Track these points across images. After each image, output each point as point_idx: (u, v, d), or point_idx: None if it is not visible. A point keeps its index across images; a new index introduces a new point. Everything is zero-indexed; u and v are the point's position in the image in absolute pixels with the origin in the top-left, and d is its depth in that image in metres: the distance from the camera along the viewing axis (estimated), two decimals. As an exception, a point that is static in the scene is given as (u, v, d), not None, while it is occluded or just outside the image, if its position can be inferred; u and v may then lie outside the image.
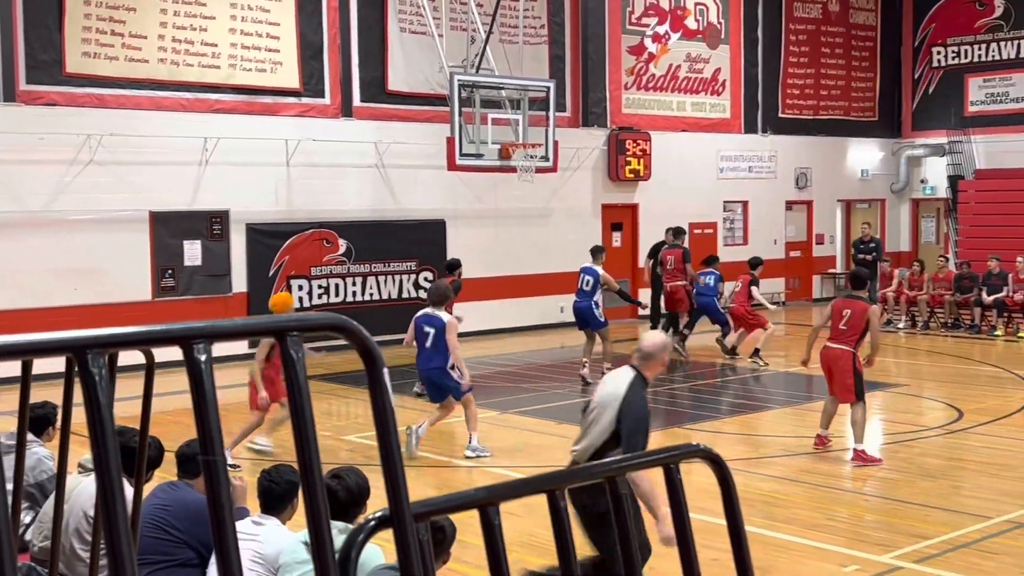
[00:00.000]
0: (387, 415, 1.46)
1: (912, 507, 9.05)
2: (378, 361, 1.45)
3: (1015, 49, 25.74)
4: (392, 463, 1.44)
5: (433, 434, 12.25)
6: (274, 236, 17.92)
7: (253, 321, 1.44)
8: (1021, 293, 19.91)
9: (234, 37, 17.47)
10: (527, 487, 1.63)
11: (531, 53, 20.64)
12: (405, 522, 1.43)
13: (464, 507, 1.57)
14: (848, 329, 10.79)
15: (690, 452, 1.85)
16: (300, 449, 1.41)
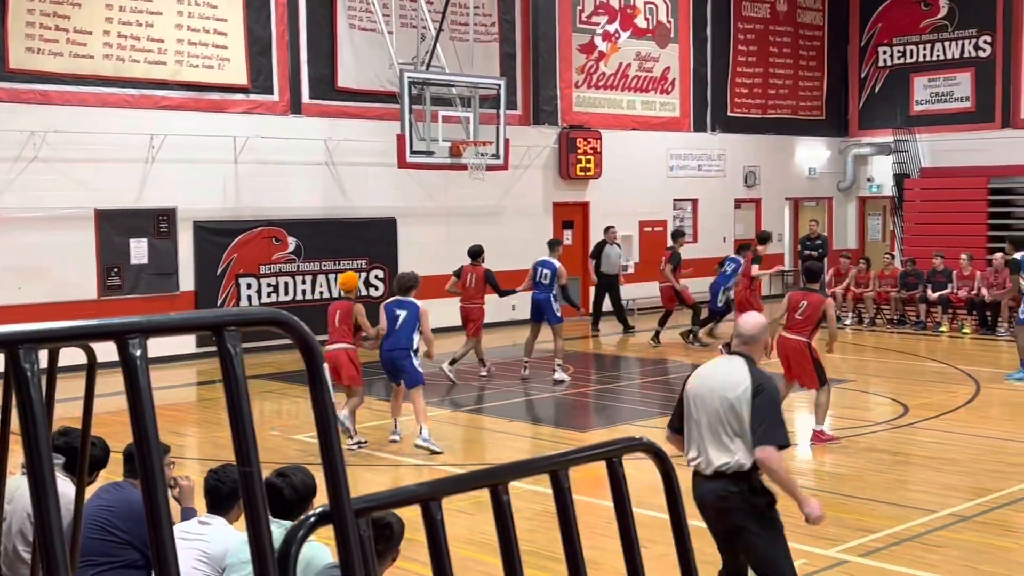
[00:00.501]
0: (327, 410, 1.44)
1: (859, 501, 9.16)
2: (317, 356, 1.44)
3: (959, 49, 26.14)
4: (332, 458, 1.43)
5: (384, 434, 12.21)
6: (222, 234, 17.75)
7: (189, 316, 1.42)
8: (965, 290, 20.23)
9: (181, 33, 17.28)
10: (469, 482, 1.62)
11: (482, 51, 20.63)
12: (346, 518, 1.42)
13: (406, 502, 1.56)
14: (804, 320, 11.27)
15: (633, 446, 1.86)
16: (237, 444, 1.40)
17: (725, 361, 5.65)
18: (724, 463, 5.42)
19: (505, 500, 1.64)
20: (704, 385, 5.56)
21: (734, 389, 5.42)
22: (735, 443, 5.41)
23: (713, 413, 5.46)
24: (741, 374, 5.47)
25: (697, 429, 5.52)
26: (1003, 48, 25.37)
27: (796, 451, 11.22)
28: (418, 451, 11.09)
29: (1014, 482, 9.70)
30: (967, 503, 8.99)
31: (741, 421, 5.38)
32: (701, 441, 5.50)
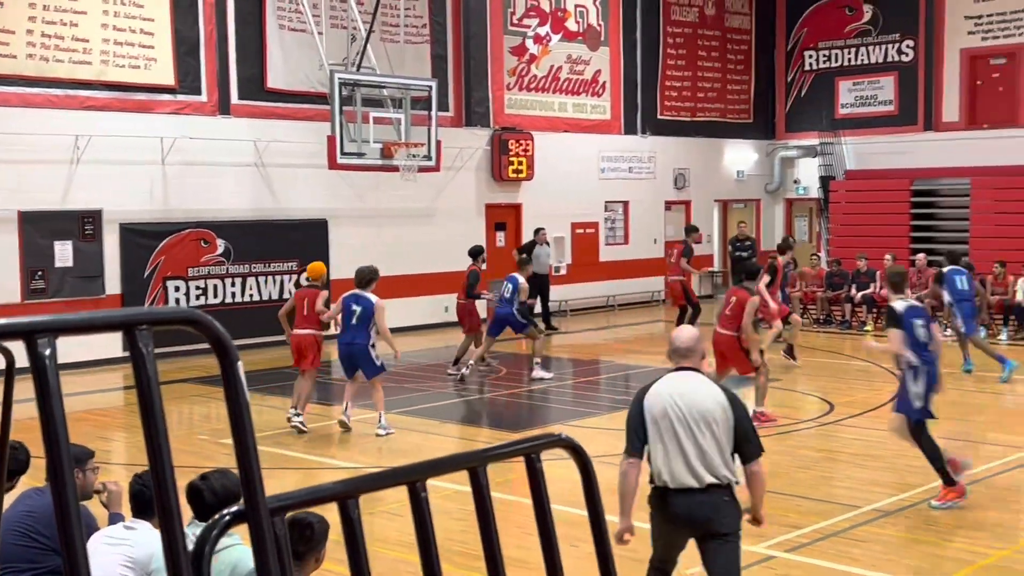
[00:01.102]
0: (242, 409, 1.44)
1: (786, 498, 9.29)
2: (232, 355, 1.43)
3: (883, 53, 26.65)
4: (247, 457, 1.43)
5: (312, 436, 12.13)
6: (149, 236, 17.50)
7: (100, 315, 1.40)
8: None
9: (106, 33, 17.01)
10: (386, 479, 1.62)
11: (413, 52, 20.59)
12: (260, 516, 1.41)
13: (322, 500, 1.56)
14: (731, 315, 11.89)
15: (551, 442, 1.87)
16: (150, 446, 1.39)
17: (684, 377, 5.68)
18: (721, 475, 5.51)
19: (423, 497, 1.64)
20: (679, 403, 5.57)
21: (714, 405, 5.53)
22: (723, 456, 5.53)
23: (700, 429, 5.51)
24: (712, 389, 5.61)
25: (681, 444, 5.53)
26: (925, 52, 25.91)
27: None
28: (349, 452, 11.03)
29: (936, 477, 9.90)
30: (890, 498, 9.17)
31: (724, 436, 5.51)
32: (686, 456, 5.53)
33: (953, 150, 24.87)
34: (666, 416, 5.56)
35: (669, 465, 5.55)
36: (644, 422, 5.63)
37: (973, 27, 25.16)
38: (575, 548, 4.08)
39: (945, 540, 8.15)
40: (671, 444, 5.54)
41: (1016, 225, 22.76)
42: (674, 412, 5.55)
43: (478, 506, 1.72)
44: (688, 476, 5.50)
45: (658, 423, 5.58)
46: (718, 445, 5.50)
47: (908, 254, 22.70)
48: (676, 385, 5.63)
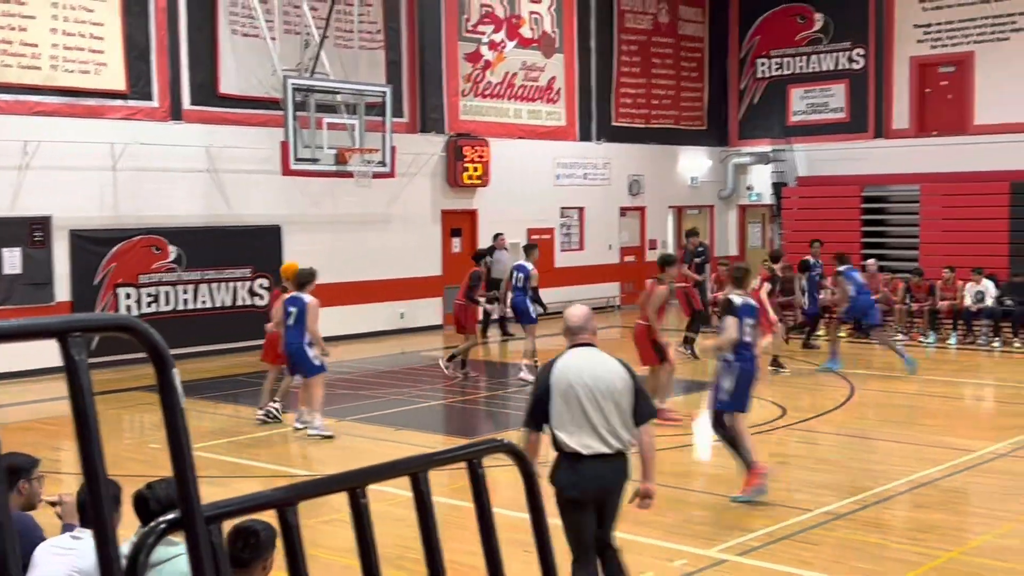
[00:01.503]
0: (177, 416, 1.43)
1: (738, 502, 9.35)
2: (167, 363, 1.42)
3: (834, 61, 26.96)
4: (182, 464, 1.42)
5: (261, 443, 12.07)
6: (100, 243, 17.30)
7: (34, 322, 1.39)
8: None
9: (55, 37, 16.80)
10: (327, 486, 1.62)
11: (367, 58, 20.53)
12: (196, 523, 1.41)
13: (261, 507, 1.55)
14: (642, 306, 12.78)
15: (493, 447, 1.88)
16: (83, 453, 1.38)
17: (588, 352, 6.11)
18: (624, 440, 6.01)
19: (363, 503, 1.64)
20: (584, 377, 5.96)
21: (617, 378, 5.99)
22: (626, 423, 6.00)
23: (606, 399, 5.94)
24: (611, 362, 6.08)
25: (587, 415, 5.93)
26: (876, 61, 26.25)
27: (677, 455, 11.44)
28: (300, 460, 10.96)
29: (886, 480, 10.04)
30: (841, 501, 9.27)
31: (626, 403, 5.99)
32: (594, 425, 5.93)
33: (903, 157, 25.21)
34: (572, 390, 5.94)
35: (580, 436, 5.93)
36: (549, 398, 5.99)
37: (922, 35, 25.52)
38: (529, 554, 4.08)
39: (894, 542, 8.25)
40: (578, 414, 5.93)
41: (964, 231, 23.11)
42: (580, 386, 5.93)
43: (419, 512, 1.72)
44: (597, 442, 5.93)
45: (566, 397, 5.95)
46: (620, 413, 5.96)
47: (859, 259, 22.90)
48: (579, 360, 6.05)
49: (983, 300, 19.52)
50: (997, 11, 24.36)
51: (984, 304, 19.48)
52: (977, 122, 24.68)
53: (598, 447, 5.93)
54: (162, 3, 17.95)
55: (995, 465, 10.59)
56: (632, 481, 6.22)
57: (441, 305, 22.32)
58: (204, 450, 11.36)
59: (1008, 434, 11.98)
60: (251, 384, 15.87)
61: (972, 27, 24.77)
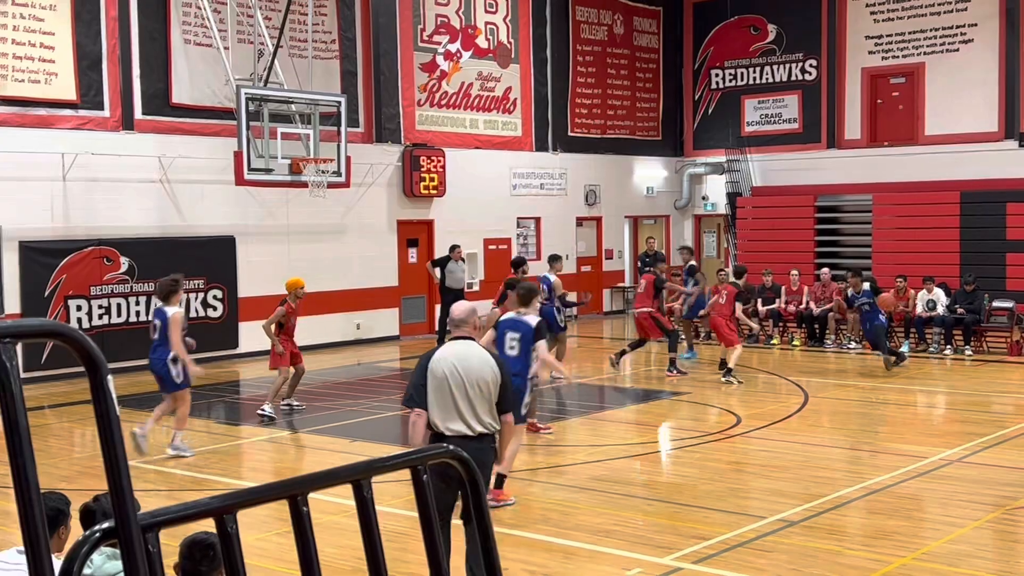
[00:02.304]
0: (111, 423, 1.40)
1: (693, 510, 9.39)
2: (101, 368, 1.39)
3: (787, 72, 27.22)
4: (117, 472, 1.39)
5: (219, 455, 11.94)
6: (50, 254, 17.06)
7: (-39, 327, 1.35)
8: (794, 304, 21.01)
9: (5, 47, 16.58)
10: (266, 493, 1.59)
11: (322, 68, 20.44)
12: (131, 532, 1.38)
13: (199, 516, 1.52)
14: (644, 294, 13.76)
15: (439, 454, 1.86)
16: (13, 462, 1.34)
17: (464, 346, 6.92)
18: (487, 424, 6.81)
19: (305, 512, 1.62)
20: (460, 367, 6.79)
21: (488, 370, 6.80)
22: (491, 410, 6.82)
23: (474, 389, 6.77)
24: (484, 355, 6.91)
25: (457, 403, 6.77)
26: (828, 71, 26.53)
27: (635, 462, 11.47)
28: (255, 473, 10.85)
29: (840, 487, 10.11)
30: (796, 508, 9.32)
31: (492, 393, 6.80)
32: (463, 410, 6.77)
33: (856, 167, 25.50)
34: (445, 378, 6.77)
35: (445, 417, 6.77)
36: (426, 382, 6.83)
37: (873, 47, 25.84)
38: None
39: (848, 549, 8.30)
40: (448, 400, 6.76)
41: (916, 240, 23.40)
42: (452, 374, 6.77)
43: (362, 520, 1.70)
44: (462, 426, 6.76)
45: (438, 382, 6.78)
46: (487, 401, 6.78)
47: (813, 268, 23.17)
48: (455, 352, 6.89)
49: (935, 308, 19.76)
50: (947, 23, 24.72)
51: (936, 312, 19.72)
52: (928, 132, 25.02)
53: (461, 429, 6.75)
54: (113, 12, 17.77)
55: (947, 471, 10.70)
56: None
57: (398, 316, 22.25)
58: (157, 464, 11.23)
59: (960, 440, 12.12)
60: (206, 396, 15.72)
61: (922, 38, 25.12)
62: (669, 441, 12.94)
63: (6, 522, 8.67)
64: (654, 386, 16.50)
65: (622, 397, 16.29)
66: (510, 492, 9.34)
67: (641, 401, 15.51)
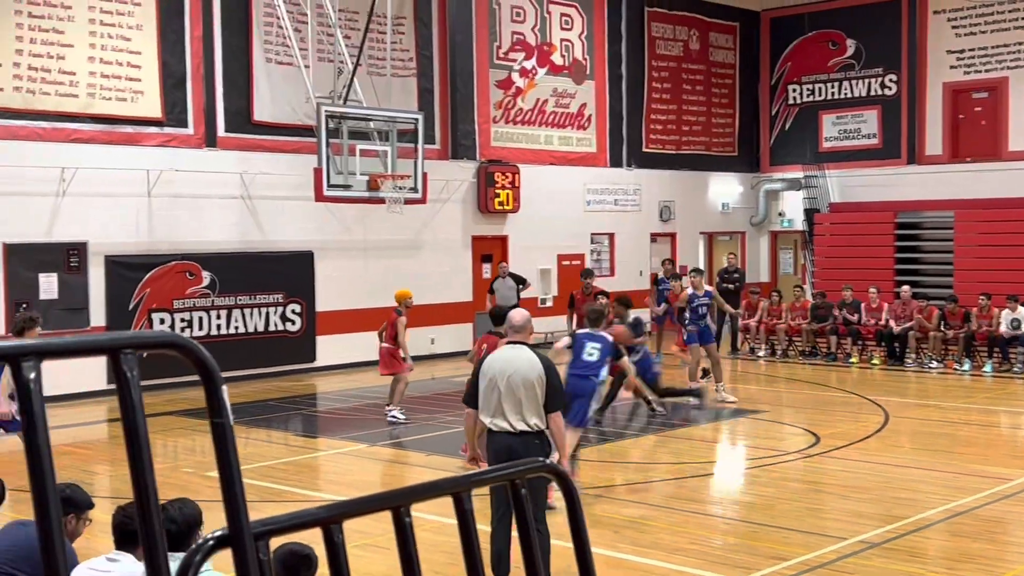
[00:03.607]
0: (226, 432, 1.44)
1: (771, 530, 9.28)
2: (216, 378, 1.43)
3: (866, 87, 26.88)
4: (231, 480, 1.43)
5: (296, 467, 12.09)
6: (135, 268, 17.46)
7: (85, 339, 1.41)
8: (874, 321, 20.69)
9: (93, 65, 17.03)
10: (370, 504, 1.62)
11: (400, 85, 20.67)
12: (244, 541, 1.41)
13: (306, 525, 1.56)
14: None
15: (536, 467, 1.88)
16: (134, 471, 1.39)
17: (516, 350, 7.44)
18: (531, 423, 7.25)
19: (408, 523, 1.64)
20: (508, 368, 7.28)
21: (534, 372, 7.26)
22: (536, 410, 7.26)
23: (521, 389, 7.23)
24: (534, 359, 7.33)
25: (501, 401, 7.26)
26: (908, 86, 26.15)
27: (711, 481, 11.38)
28: (332, 485, 10.96)
29: (922, 508, 9.92)
30: (877, 530, 9.17)
31: (538, 394, 7.24)
32: (506, 409, 7.25)
33: (936, 183, 25.06)
34: (495, 379, 7.30)
35: (492, 415, 7.31)
36: (478, 383, 7.43)
37: (955, 61, 25.42)
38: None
39: (931, 572, 8.15)
40: (495, 399, 7.30)
41: (999, 257, 22.89)
42: (500, 375, 7.28)
43: (463, 532, 1.72)
44: (505, 423, 7.27)
45: (488, 383, 7.34)
46: (533, 401, 7.24)
47: (893, 286, 22.80)
48: (506, 355, 7.46)
49: (1019, 327, 19.32)
50: (1031, 37, 24.23)
51: (1020, 331, 19.27)
52: (1011, 148, 24.51)
53: (505, 427, 7.28)
54: (198, 32, 18.17)
55: (1033, 494, 10.45)
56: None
57: (472, 331, 22.33)
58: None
59: (1046, 463, 11.82)
60: (282, 409, 15.95)
61: (1006, 52, 24.65)
62: (746, 460, 12.81)
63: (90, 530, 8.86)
64: (731, 404, 16.33)
65: (698, 415, 16.16)
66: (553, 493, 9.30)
67: (717, 419, 15.37)
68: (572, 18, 24.44)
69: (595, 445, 13.52)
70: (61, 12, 16.68)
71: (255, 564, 1.42)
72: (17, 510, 8.51)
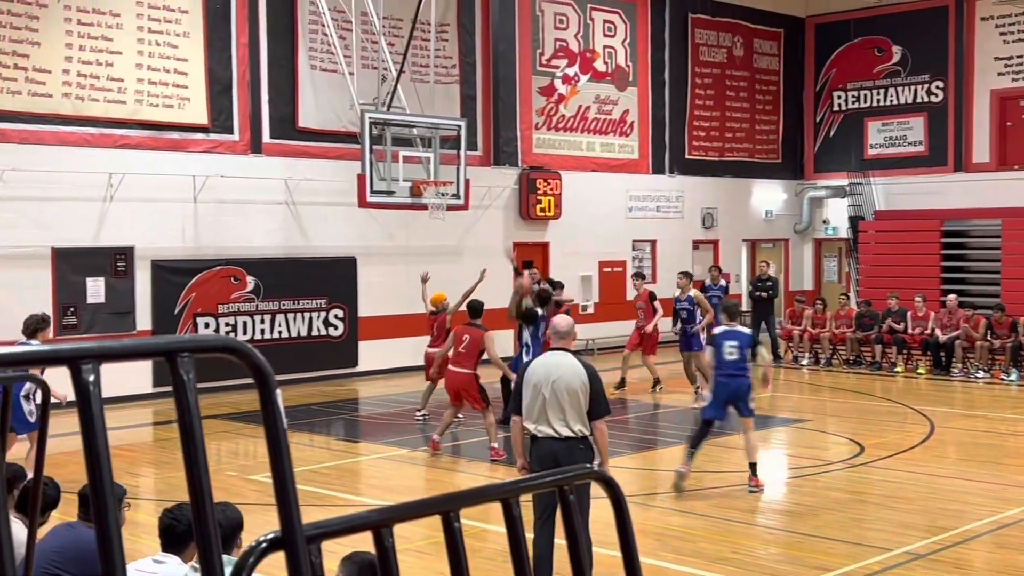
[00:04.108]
0: (279, 435, 1.45)
1: (815, 540, 9.21)
2: (270, 381, 1.45)
3: (912, 94, 26.62)
4: (284, 482, 1.44)
5: (339, 471, 12.15)
6: (180, 273, 17.64)
7: (143, 342, 1.43)
8: (920, 330, 20.47)
9: (141, 72, 17.25)
10: (421, 508, 1.63)
11: (443, 92, 20.75)
12: (297, 543, 1.43)
13: (358, 529, 1.57)
14: (466, 353, 12.90)
15: (584, 474, 1.88)
16: (190, 474, 1.40)
17: (559, 356, 7.53)
18: (576, 429, 7.34)
19: (456, 527, 1.65)
20: (552, 375, 7.38)
21: (577, 379, 7.35)
22: (580, 416, 7.35)
23: (565, 395, 7.32)
24: (577, 366, 7.44)
25: (546, 407, 7.36)
26: (955, 93, 25.88)
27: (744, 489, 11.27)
28: (372, 491, 11.00)
29: (968, 520, 9.80)
30: (922, 541, 9.07)
31: (581, 401, 7.34)
32: (551, 415, 7.35)
33: (984, 191, 24.76)
34: (539, 385, 7.40)
35: (536, 421, 7.41)
36: (522, 388, 7.52)
37: (1003, 68, 25.11)
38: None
39: (978, 584, 8.05)
40: (539, 405, 7.39)
41: (1048, 266, 22.59)
42: (545, 383, 7.38)
43: (511, 538, 1.73)
44: (550, 429, 7.36)
45: (532, 390, 7.43)
46: (576, 408, 7.34)
47: (939, 295, 22.56)
48: (550, 361, 7.56)
49: (1068, 337, 19.03)
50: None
51: (1069, 341, 18.98)
52: (1061, 155, 24.18)
53: (549, 431, 7.37)
54: (244, 39, 18.35)
55: (1083, 507, 10.29)
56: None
57: (513, 337, 22.33)
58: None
59: (1096, 475, 11.63)
60: (324, 413, 16.04)
61: (1055, 59, 24.33)
62: (789, 469, 12.71)
63: (135, 532, 8.95)
64: (773, 412, 16.22)
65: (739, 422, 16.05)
66: None
67: (759, 427, 15.25)
68: (615, 25, 24.42)
69: (636, 452, 13.48)
70: (110, 20, 16.91)
71: (307, 567, 1.44)
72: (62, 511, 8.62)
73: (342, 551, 4.63)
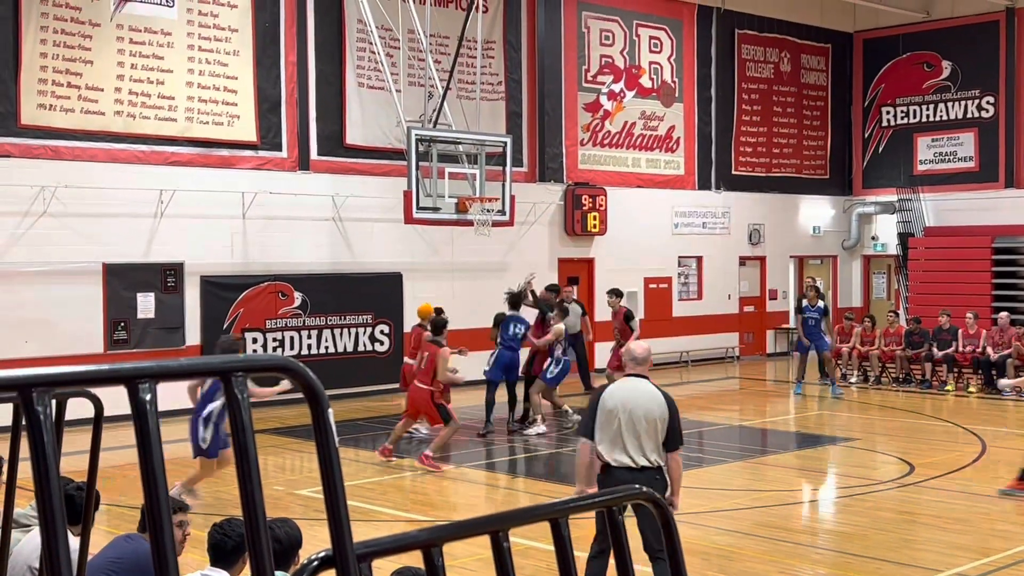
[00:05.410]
0: (331, 454, 1.47)
1: (864, 560, 9.10)
2: (323, 401, 1.47)
3: (962, 109, 26.34)
4: (335, 501, 1.46)
5: (384, 487, 12.19)
6: (229, 289, 17.83)
7: (199, 361, 1.46)
8: (971, 348, 20.20)
9: (191, 91, 17.49)
10: (470, 528, 1.64)
11: (488, 109, 20.83)
12: (348, 562, 1.44)
13: (407, 548, 1.58)
14: (425, 368, 12.97)
15: (633, 495, 1.88)
16: (244, 491, 1.42)
17: (637, 383, 7.26)
18: (652, 459, 7.10)
19: (505, 547, 1.66)
20: (630, 401, 7.12)
21: (655, 407, 7.12)
22: (656, 446, 7.12)
23: (643, 423, 7.07)
24: (656, 394, 7.20)
25: (623, 436, 7.09)
26: (1006, 109, 25.56)
27: (802, 509, 11.19)
28: (416, 506, 11.02)
29: (1019, 542, 9.64)
30: (973, 563, 8.93)
31: (659, 430, 7.11)
32: (627, 444, 7.09)
33: (1036, 207, 24.43)
34: (615, 412, 7.12)
35: (611, 449, 7.12)
36: (596, 415, 7.21)
37: (1055, 83, 24.78)
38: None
39: (1032, 607, 7.91)
40: (615, 433, 7.10)
41: (1103, 284, 22.21)
42: (621, 409, 7.10)
43: (560, 559, 1.73)
44: (626, 458, 7.09)
45: (608, 416, 7.14)
46: (652, 438, 7.10)
47: (990, 312, 22.26)
48: (627, 388, 7.27)
49: (1124, 356, 18.69)
50: None
51: (1125, 360, 18.64)
52: (1115, 171, 23.79)
53: (625, 461, 7.08)
54: (292, 57, 18.55)
55: None
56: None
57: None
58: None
59: None
60: (370, 429, 16.11)
61: (1109, 73, 23.97)
62: (838, 488, 12.58)
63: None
64: (821, 431, 16.07)
65: (786, 441, 15.94)
66: None
67: (807, 446, 15.13)
68: (661, 41, 24.40)
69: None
70: (161, 39, 17.17)
71: (358, 585, 1.45)
72: (113, 525, 8.72)
73: (390, 567, 4.64)
